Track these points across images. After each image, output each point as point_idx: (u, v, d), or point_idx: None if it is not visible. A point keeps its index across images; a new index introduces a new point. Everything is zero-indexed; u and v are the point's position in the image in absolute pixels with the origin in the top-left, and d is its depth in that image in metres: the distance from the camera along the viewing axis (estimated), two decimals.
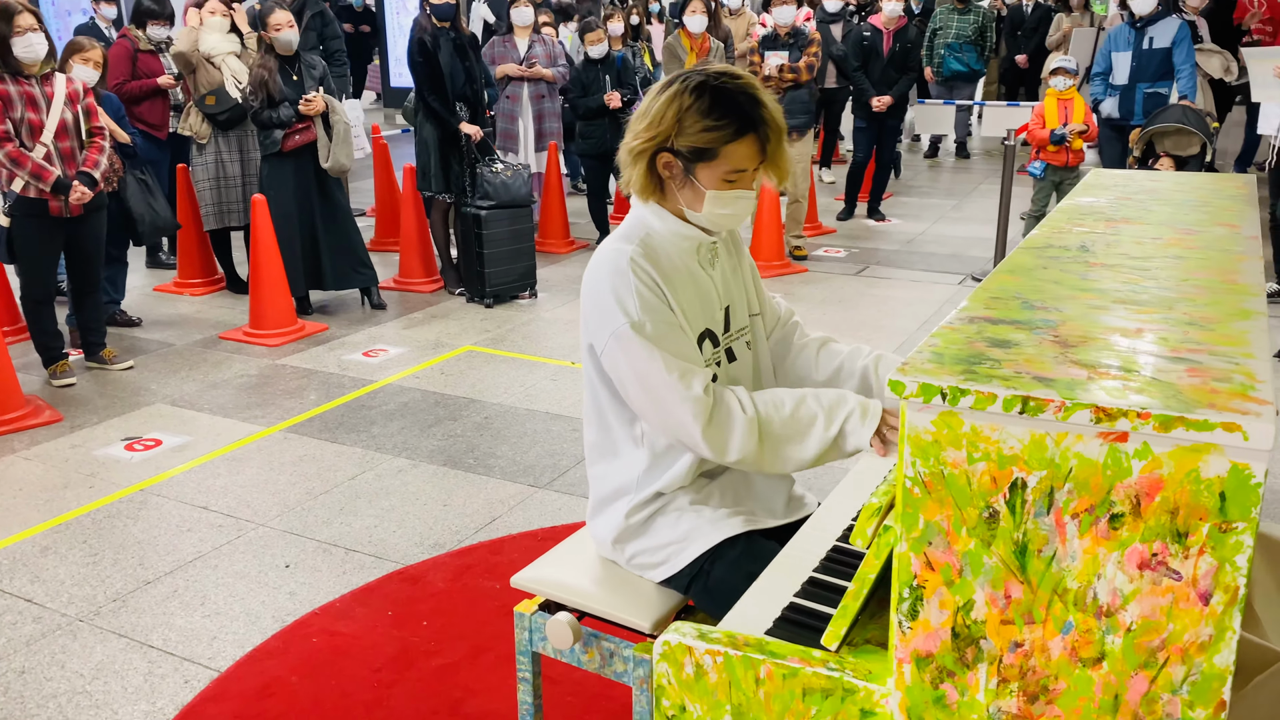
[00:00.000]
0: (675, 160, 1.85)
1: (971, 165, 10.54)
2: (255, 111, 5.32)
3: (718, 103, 1.81)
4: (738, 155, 1.83)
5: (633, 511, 2.04)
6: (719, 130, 1.80)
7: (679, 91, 1.83)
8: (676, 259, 1.92)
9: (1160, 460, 0.99)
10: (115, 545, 3.43)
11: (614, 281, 1.85)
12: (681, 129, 1.81)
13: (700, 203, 1.87)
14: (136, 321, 5.66)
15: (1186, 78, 6.47)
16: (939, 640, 1.13)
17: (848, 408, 1.81)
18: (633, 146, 1.88)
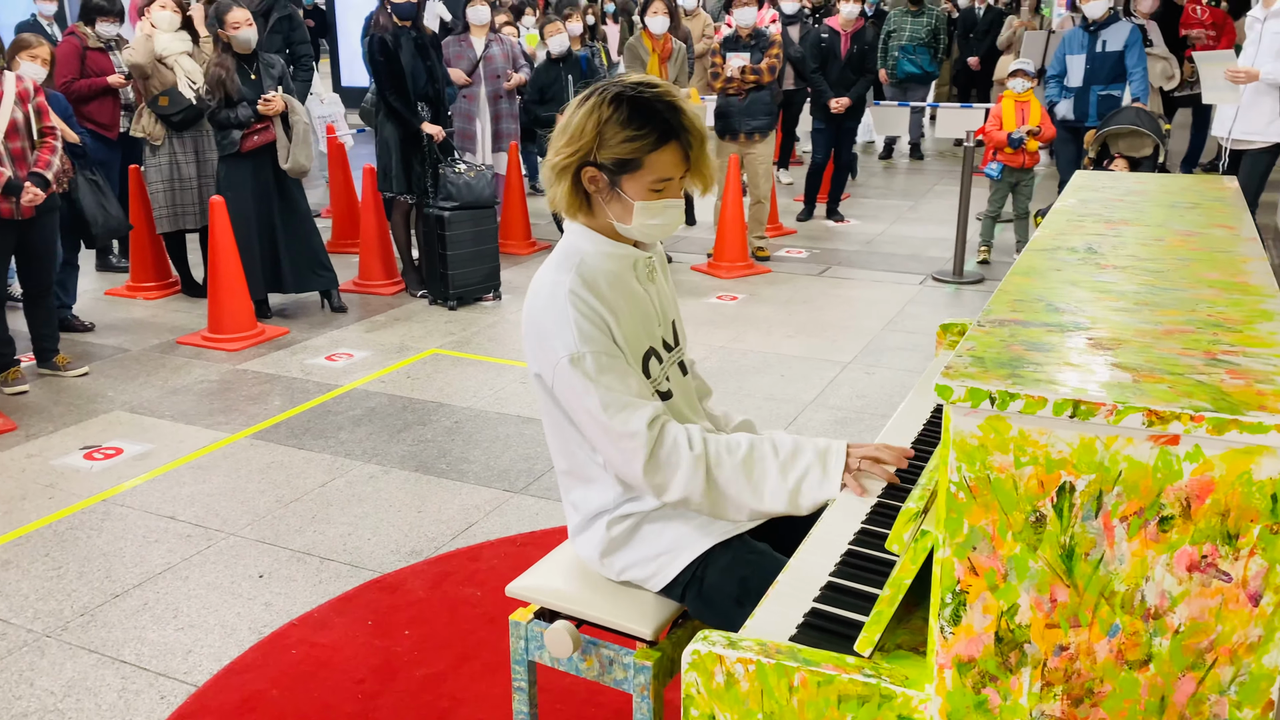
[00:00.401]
0: (600, 174, 1.82)
1: (925, 166, 10.66)
2: (212, 111, 5.21)
3: (637, 112, 1.78)
4: (661, 164, 1.80)
5: (614, 523, 2.01)
6: (641, 140, 1.78)
7: (597, 104, 1.81)
8: (614, 279, 1.89)
9: (1212, 463, 0.99)
10: (79, 558, 3.33)
11: (553, 315, 1.82)
12: (603, 141, 1.79)
13: (629, 215, 1.84)
14: (89, 327, 5.52)
15: (1139, 80, 6.59)
16: (982, 645, 1.12)
17: (805, 459, 1.81)
18: (555, 163, 1.84)
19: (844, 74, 7.45)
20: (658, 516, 1.98)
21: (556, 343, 1.79)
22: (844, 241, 7.51)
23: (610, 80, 1.87)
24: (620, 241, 1.91)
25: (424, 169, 5.81)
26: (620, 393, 1.77)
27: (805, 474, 1.78)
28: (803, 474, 1.78)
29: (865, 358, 5.06)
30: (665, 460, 1.76)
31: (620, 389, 1.77)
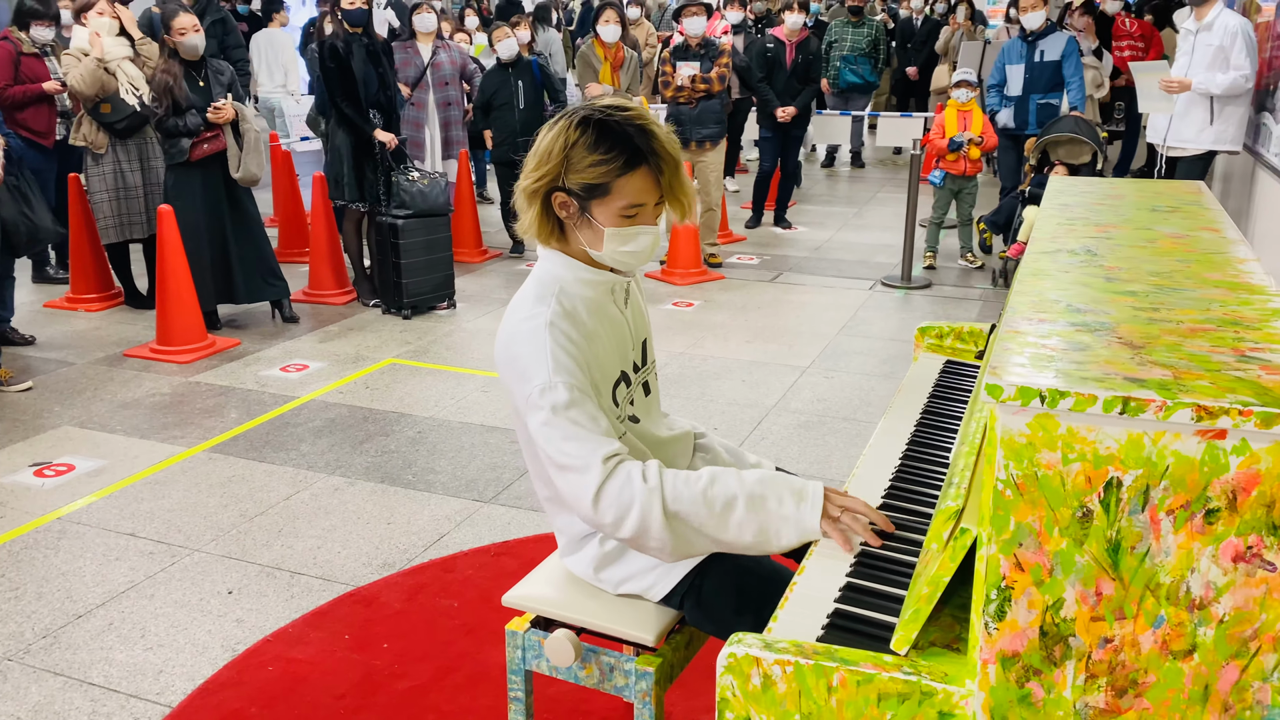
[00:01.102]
0: (570, 199, 1.77)
1: (866, 174, 10.82)
2: (160, 119, 5.09)
3: (604, 136, 1.73)
4: (631, 189, 1.75)
5: (606, 539, 2.00)
6: (607, 164, 1.72)
7: (565, 127, 1.76)
8: (593, 305, 1.86)
9: (1259, 455, 1.03)
10: (37, 578, 3.22)
11: (531, 346, 1.77)
12: (570, 165, 1.74)
13: (600, 242, 1.80)
14: (30, 340, 5.35)
15: (1076, 89, 6.78)
16: (1026, 640, 1.14)
17: (776, 490, 1.69)
18: (525, 186, 1.80)
19: (789, 83, 7.54)
20: None
21: (531, 372, 1.74)
22: (793, 248, 7.59)
23: (583, 104, 1.81)
24: (597, 267, 1.87)
25: (376, 177, 5.74)
26: (583, 428, 1.70)
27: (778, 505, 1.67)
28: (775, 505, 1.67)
29: (824, 362, 5.11)
30: (617, 495, 1.67)
31: (585, 425, 1.70)
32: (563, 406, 1.70)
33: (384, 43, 5.93)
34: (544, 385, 1.72)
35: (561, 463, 1.71)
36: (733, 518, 1.66)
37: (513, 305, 1.87)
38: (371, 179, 5.74)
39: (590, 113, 1.76)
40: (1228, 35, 5.65)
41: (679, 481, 1.67)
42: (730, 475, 1.69)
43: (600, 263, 1.86)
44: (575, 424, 1.70)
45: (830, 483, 3.73)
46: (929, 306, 6.13)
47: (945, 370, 2.48)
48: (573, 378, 1.73)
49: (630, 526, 1.67)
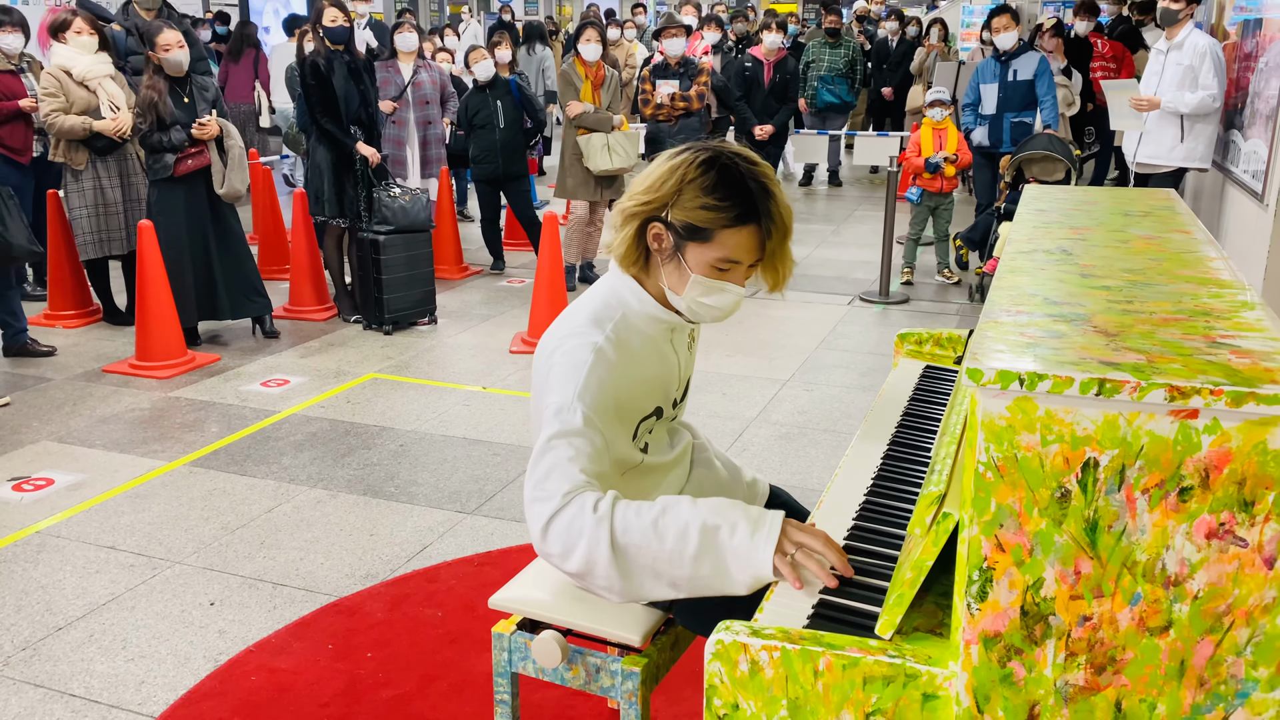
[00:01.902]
0: (666, 233, 1.71)
1: (844, 193, 10.92)
2: (145, 134, 5.09)
3: (725, 182, 1.66)
4: (733, 243, 1.68)
5: None
6: (718, 211, 1.66)
7: (687, 161, 1.69)
8: (648, 341, 1.82)
9: (1229, 434, 1.06)
10: (16, 591, 3.20)
11: (570, 360, 1.71)
12: (679, 200, 1.68)
13: (683, 286, 1.73)
14: (50, 350, 5.36)
15: (1049, 108, 6.89)
16: (1008, 619, 1.17)
17: (730, 519, 1.55)
18: (625, 207, 1.75)
19: (767, 102, 7.62)
20: None
21: (560, 386, 1.68)
22: None
23: (710, 142, 1.75)
24: (667, 308, 1.81)
25: (357, 193, 5.76)
26: (573, 463, 1.60)
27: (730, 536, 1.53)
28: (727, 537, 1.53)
29: (803, 375, 5.15)
30: (566, 526, 1.55)
31: (577, 459, 1.61)
32: (570, 433, 1.63)
33: (365, 60, 5.96)
34: (564, 405, 1.65)
35: (534, 484, 1.62)
36: (686, 550, 1.52)
37: (569, 313, 1.82)
38: (352, 195, 5.76)
39: (717, 154, 1.70)
40: (1197, 55, 5.76)
41: (630, 512, 1.55)
42: (684, 505, 1.56)
43: (674, 305, 1.80)
44: (569, 457, 1.61)
45: (813, 490, 3.78)
46: (907, 321, 6.19)
47: (925, 375, 2.52)
48: (593, 409, 1.67)
49: (576, 560, 1.55)
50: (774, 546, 1.50)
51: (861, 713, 1.26)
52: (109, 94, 5.48)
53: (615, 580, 1.56)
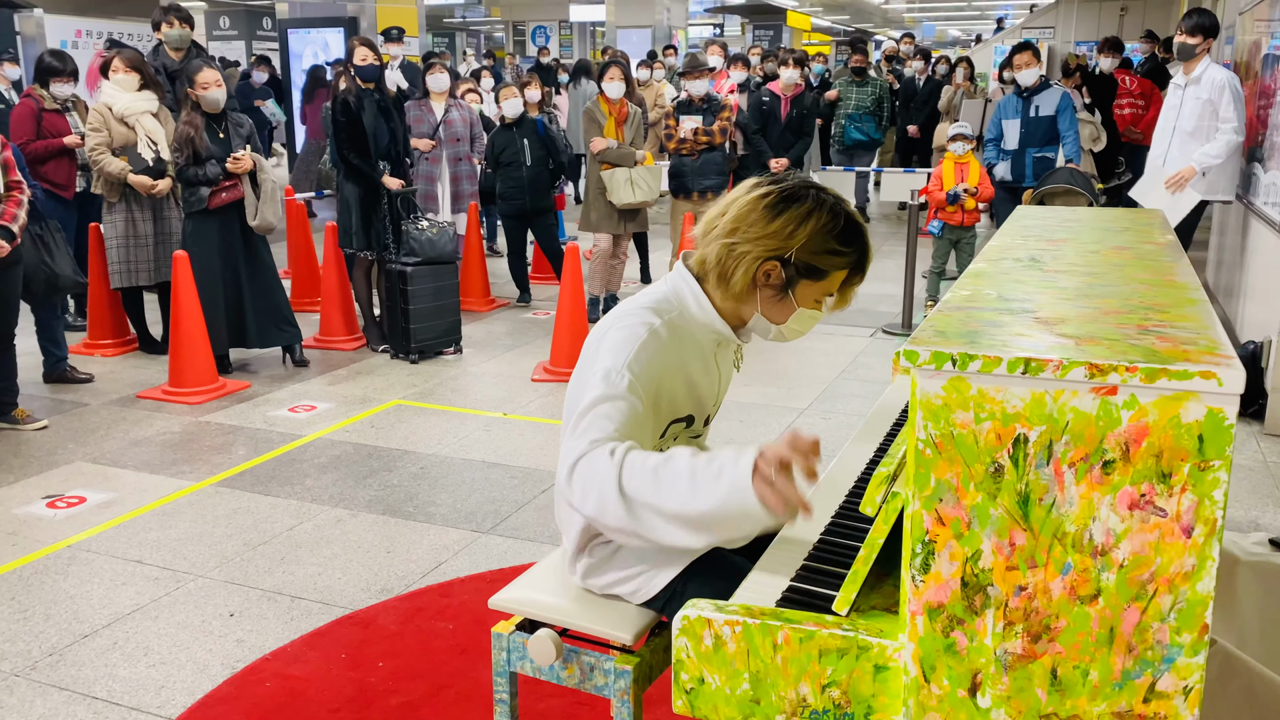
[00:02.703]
0: (781, 271, 1.83)
1: (872, 229, 10.94)
2: (181, 168, 5.29)
3: (851, 232, 1.84)
4: (838, 281, 1.87)
5: (595, 548, 2.10)
6: (842, 258, 1.83)
7: (816, 209, 1.82)
8: (697, 345, 1.94)
9: (1146, 409, 1.12)
10: (46, 600, 3.32)
11: (625, 334, 1.84)
12: (808, 243, 1.81)
13: (784, 315, 1.89)
14: (88, 378, 5.54)
15: (1071, 143, 6.94)
16: (949, 590, 1.23)
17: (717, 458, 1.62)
18: (747, 250, 1.83)
19: (784, 136, 7.75)
20: None
21: (611, 354, 1.80)
22: None
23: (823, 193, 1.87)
24: (725, 322, 1.93)
25: (384, 226, 5.92)
26: (611, 421, 1.72)
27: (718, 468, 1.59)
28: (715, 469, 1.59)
29: (821, 404, 5.21)
30: (586, 470, 1.67)
31: (616, 418, 1.73)
32: (613, 397, 1.74)
33: (395, 98, 6.15)
34: (613, 370, 1.77)
35: (573, 434, 1.74)
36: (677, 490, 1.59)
37: (629, 300, 1.95)
38: (378, 227, 5.92)
39: (837, 203, 1.85)
40: (1215, 89, 5.81)
41: (638, 458, 1.65)
42: (684, 453, 1.65)
43: (736, 319, 1.93)
44: (606, 414, 1.72)
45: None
46: None
47: None
48: (640, 377, 1.79)
49: (592, 503, 1.66)
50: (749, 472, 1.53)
51: (818, 684, 1.33)
52: (146, 130, 5.68)
53: (626, 522, 1.63)
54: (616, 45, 15.48)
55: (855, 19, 28.66)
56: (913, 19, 29.27)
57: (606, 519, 1.67)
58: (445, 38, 26.56)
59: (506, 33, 26.89)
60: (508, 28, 26.25)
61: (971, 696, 1.24)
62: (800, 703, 1.33)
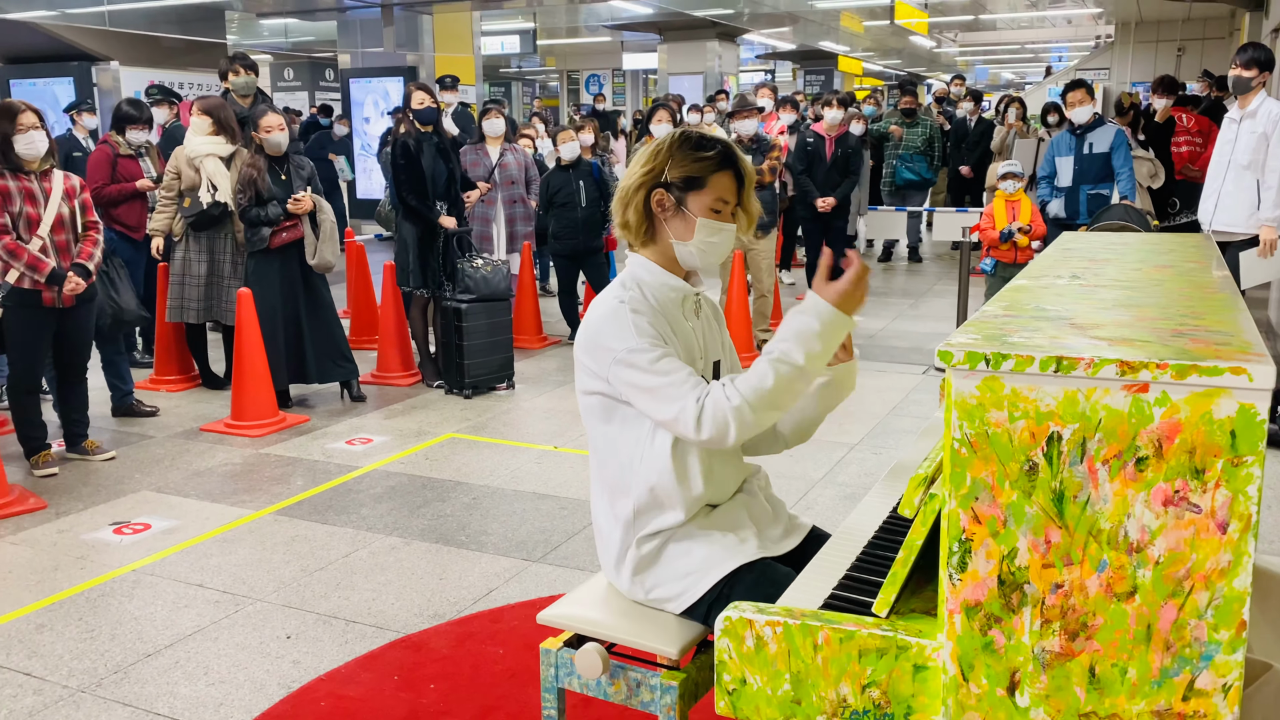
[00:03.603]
0: (667, 196, 2.10)
1: (924, 269, 10.96)
2: (244, 209, 5.47)
3: (703, 142, 2.12)
4: (721, 185, 2.10)
5: (643, 541, 2.15)
6: (705, 160, 2.09)
7: (669, 136, 2.15)
8: (665, 308, 2.13)
9: (1178, 406, 1.14)
10: (112, 621, 3.42)
11: (612, 324, 2.05)
12: (673, 162, 2.09)
13: (691, 231, 2.11)
14: (153, 411, 5.72)
15: (1126, 179, 6.89)
16: (986, 589, 1.25)
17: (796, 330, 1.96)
18: (627, 185, 2.14)
19: (830, 175, 7.80)
20: (683, 536, 2.12)
21: (615, 344, 2.02)
22: None
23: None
24: (675, 274, 2.16)
25: (440, 264, 6.06)
26: (672, 374, 1.97)
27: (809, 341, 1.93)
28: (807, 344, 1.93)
29: (872, 440, 5.20)
30: (712, 418, 1.93)
31: (673, 371, 1.98)
32: (652, 360, 1.98)
33: (453, 140, 6.31)
34: (631, 348, 2.00)
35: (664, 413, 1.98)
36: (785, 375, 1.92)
37: (596, 300, 2.15)
38: (435, 266, 6.06)
39: (687, 130, 2.18)
40: (1270, 122, 5.76)
41: (743, 383, 1.94)
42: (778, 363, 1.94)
43: (678, 269, 2.17)
44: (665, 372, 1.97)
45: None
46: None
47: None
48: (653, 338, 2.01)
49: (734, 432, 1.92)
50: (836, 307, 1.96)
51: (858, 684, 1.35)
52: (208, 172, 5.85)
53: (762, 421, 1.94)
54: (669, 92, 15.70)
55: (907, 63, 28.76)
56: (965, 63, 29.29)
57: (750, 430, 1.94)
58: (501, 87, 27.11)
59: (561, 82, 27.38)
60: (562, 77, 26.73)
61: (1010, 695, 1.26)
62: (840, 703, 1.35)
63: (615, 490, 2.19)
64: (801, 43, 20.88)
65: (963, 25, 21.11)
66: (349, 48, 13.35)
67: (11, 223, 4.49)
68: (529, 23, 17.37)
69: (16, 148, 4.49)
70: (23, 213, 4.52)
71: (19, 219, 4.51)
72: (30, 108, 4.57)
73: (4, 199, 4.47)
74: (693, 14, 16.06)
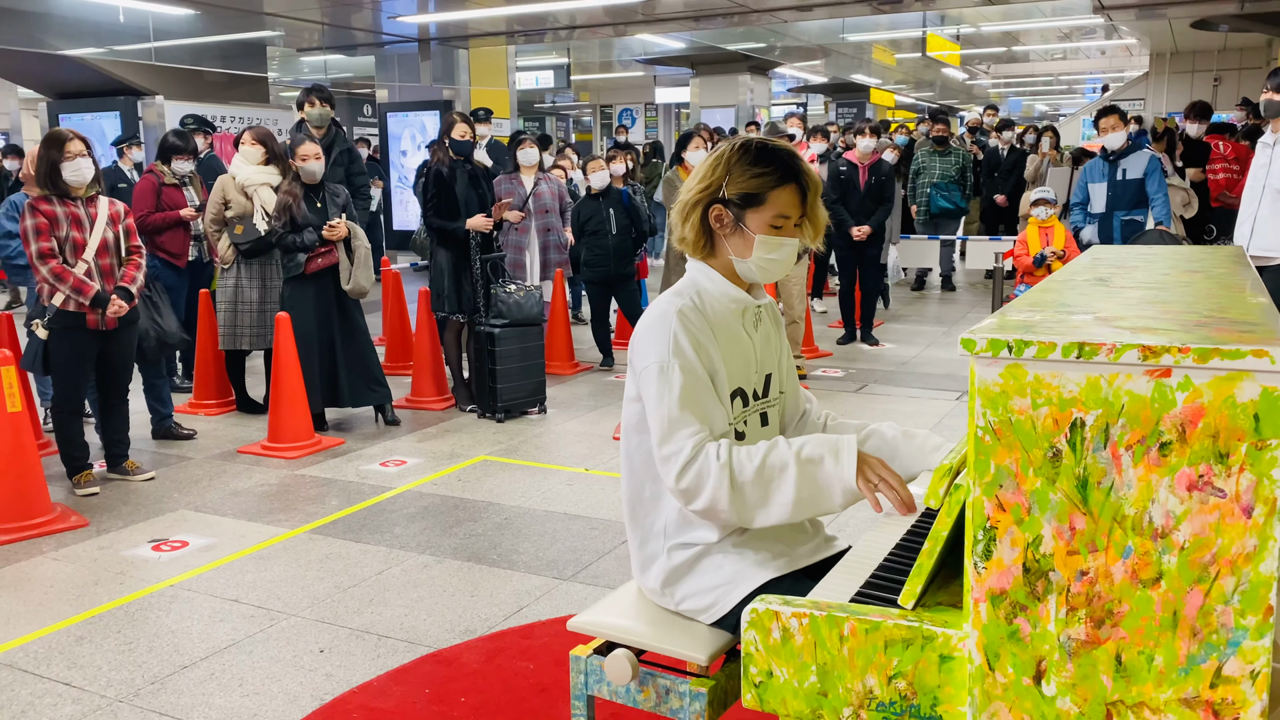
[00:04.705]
0: (726, 211, 2.04)
1: (957, 297, 10.92)
2: (280, 235, 5.58)
3: (763, 155, 2.03)
4: (782, 201, 2.02)
5: (675, 550, 2.15)
6: (765, 176, 2.01)
7: (727, 149, 2.06)
8: (723, 317, 2.09)
9: (1200, 390, 1.15)
10: (149, 634, 3.47)
11: (658, 329, 2.01)
12: (731, 178, 2.02)
13: (749, 249, 2.04)
14: (191, 434, 5.80)
15: (1160, 205, 6.86)
16: (1011, 577, 1.26)
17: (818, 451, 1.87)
18: (685, 200, 2.08)
19: (864, 203, 7.81)
20: (718, 550, 2.12)
21: (652, 352, 1.98)
22: (880, 363, 7.70)
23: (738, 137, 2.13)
24: (737, 284, 2.11)
25: (474, 290, 6.13)
26: (688, 411, 1.93)
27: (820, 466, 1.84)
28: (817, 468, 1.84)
29: None
30: (697, 471, 1.89)
31: (691, 407, 1.93)
32: (674, 386, 1.94)
33: (485, 169, 6.40)
34: (662, 364, 1.96)
35: (662, 440, 1.93)
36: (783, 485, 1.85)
37: (657, 299, 2.10)
38: (469, 292, 6.13)
39: (749, 140, 2.08)
40: None
41: (743, 456, 1.88)
42: (783, 446, 1.88)
43: (740, 280, 2.11)
44: (683, 406, 1.92)
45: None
46: None
47: None
48: (687, 361, 1.96)
49: (703, 500, 1.89)
50: (854, 471, 1.81)
51: (884, 676, 1.35)
52: (262, 201, 5.98)
53: (733, 513, 1.90)
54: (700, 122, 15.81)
55: (940, 96, 28.79)
56: (998, 95, 29.28)
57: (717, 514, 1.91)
58: (536, 121, 27.43)
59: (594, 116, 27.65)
60: (595, 111, 27.00)
61: (1036, 684, 1.26)
62: (867, 694, 1.36)
63: (649, 502, 2.19)
64: (834, 75, 20.98)
65: (995, 57, 21.12)
66: (387, 82, 13.59)
67: (58, 247, 4.61)
68: (563, 58, 17.60)
69: (64, 174, 4.61)
70: (69, 237, 4.63)
71: (65, 243, 4.63)
72: (78, 135, 4.70)
73: (51, 224, 4.59)
74: (725, 48, 16.20)
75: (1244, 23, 11.96)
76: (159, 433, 5.83)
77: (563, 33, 12.68)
